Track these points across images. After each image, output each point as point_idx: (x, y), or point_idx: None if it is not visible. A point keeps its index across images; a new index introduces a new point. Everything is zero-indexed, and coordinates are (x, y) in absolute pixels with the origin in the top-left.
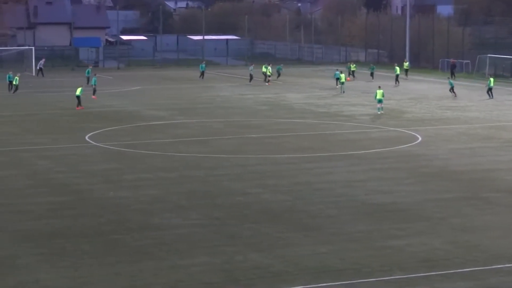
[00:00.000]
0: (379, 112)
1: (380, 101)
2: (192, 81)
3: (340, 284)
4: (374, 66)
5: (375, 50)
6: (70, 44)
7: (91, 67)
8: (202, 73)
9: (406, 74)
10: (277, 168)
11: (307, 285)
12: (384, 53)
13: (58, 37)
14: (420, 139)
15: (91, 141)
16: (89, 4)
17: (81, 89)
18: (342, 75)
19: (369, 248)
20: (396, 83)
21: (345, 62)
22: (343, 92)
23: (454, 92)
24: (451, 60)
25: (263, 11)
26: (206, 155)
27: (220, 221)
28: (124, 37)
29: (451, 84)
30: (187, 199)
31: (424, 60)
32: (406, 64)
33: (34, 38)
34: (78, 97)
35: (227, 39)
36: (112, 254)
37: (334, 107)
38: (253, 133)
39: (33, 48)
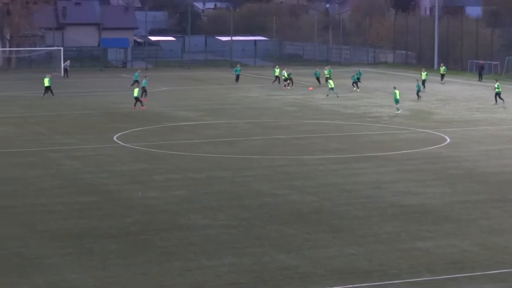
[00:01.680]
0: (397, 112)
1: (397, 101)
2: (220, 81)
3: (368, 285)
4: (360, 71)
5: (403, 52)
6: (99, 45)
7: (139, 71)
8: (238, 77)
9: (442, 79)
10: (305, 169)
11: (335, 286)
12: (412, 55)
13: (86, 37)
14: (448, 140)
15: (119, 142)
16: (117, 5)
17: (138, 90)
18: (331, 81)
19: (396, 250)
20: (422, 88)
21: (373, 63)
22: (337, 96)
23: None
24: (479, 61)
25: (291, 12)
26: (234, 156)
27: (247, 222)
28: (152, 38)
29: (418, 87)
30: (215, 200)
31: (453, 61)
32: (442, 68)
33: (62, 38)
34: (136, 98)
35: (255, 40)
36: (139, 254)
37: (362, 108)
38: (281, 134)
39: (61, 48)
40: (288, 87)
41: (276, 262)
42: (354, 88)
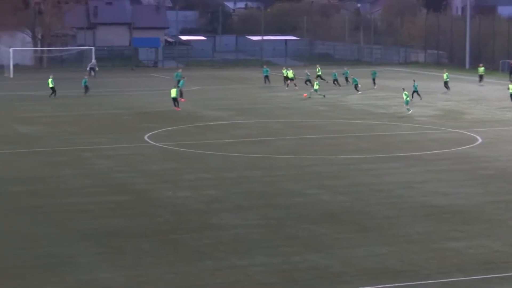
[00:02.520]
0: (409, 112)
1: (407, 102)
2: (251, 81)
3: (399, 285)
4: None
5: (435, 51)
6: (130, 44)
7: (180, 70)
8: (267, 77)
9: (481, 80)
10: (336, 169)
11: (366, 286)
12: (443, 54)
13: (117, 37)
14: (480, 140)
15: (150, 141)
16: (148, 4)
17: (176, 90)
18: (316, 82)
19: (428, 250)
20: (446, 89)
21: (404, 63)
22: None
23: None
24: (511, 61)
25: (322, 12)
26: (264, 156)
27: (278, 222)
28: (183, 38)
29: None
30: (245, 200)
31: (484, 61)
32: (481, 69)
33: (94, 38)
34: (174, 98)
35: (286, 40)
36: (170, 254)
37: (393, 108)
38: (312, 133)
39: (93, 48)
40: (290, 87)
41: (306, 262)
42: (375, 87)
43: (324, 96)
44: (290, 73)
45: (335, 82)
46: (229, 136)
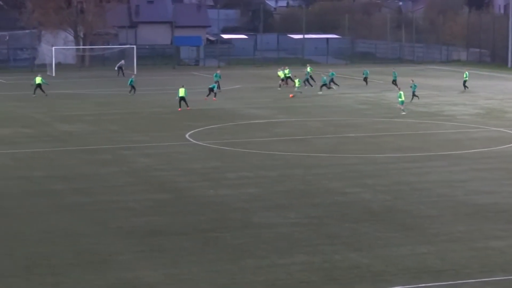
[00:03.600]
0: (404, 113)
1: (402, 102)
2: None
3: (440, 284)
4: (368, 71)
5: (477, 50)
6: (171, 43)
7: (219, 71)
8: (289, 78)
9: None
10: (377, 168)
11: (407, 285)
12: (486, 53)
13: (159, 36)
14: None
15: (191, 139)
16: (190, 3)
17: (185, 90)
18: (297, 80)
19: (470, 249)
20: (464, 89)
21: (446, 61)
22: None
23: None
24: None
25: (364, 10)
26: (305, 154)
27: (319, 220)
28: (225, 36)
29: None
30: (286, 198)
31: None
32: None
33: (135, 37)
34: (182, 98)
35: (327, 38)
36: (211, 252)
37: (435, 106)
38: (353, 132)
39: (134, 46)
40: (281, 87)
41: (347, 261)
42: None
43: (301, 92)
44: (285, 73)
45: (306, 82)
46: (270, 134)
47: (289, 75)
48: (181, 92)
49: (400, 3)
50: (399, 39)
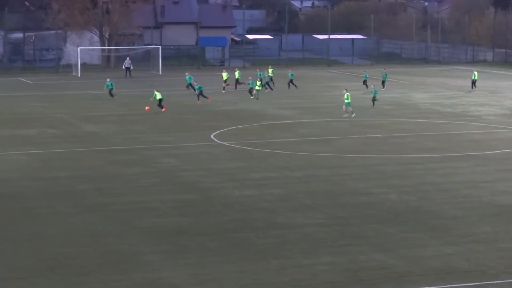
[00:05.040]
0: (346, 115)
1: (348, 104)
2: (317, 80)
3: (466, 285)
4: (386, 73)
5: (503, 50)
6: (196, 43)
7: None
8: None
9: None
10: (402, 168)
11: (432, 286)
12: None
13: (184, 36)
14: None
15: (216, 140)
16: (215, 3)
17: (254, 82)
18: (258, 82)
19: (496, 250)
20: (472, 88)
21: (472, 61)
22: (257, 98)
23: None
24: None
25: (389, 10)
26: (330, 155)
27: (344, 221)
28: (250, 36)
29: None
30: (311, 199)
31: None
32: None
33: (161, 37)
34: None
35: (352, 39)
36: (236, 252)
37: (460, 107)
38: (378, 132)
39: (159, 47)
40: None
41: (372, 261)
42: (383, 88)
43: (257, 98)
44: (233, 74)
45: (266, 86)
46: (295, 135)
47: (227, 78)
48: (158, 95)
49: (426, 3)
50: (424, 40)
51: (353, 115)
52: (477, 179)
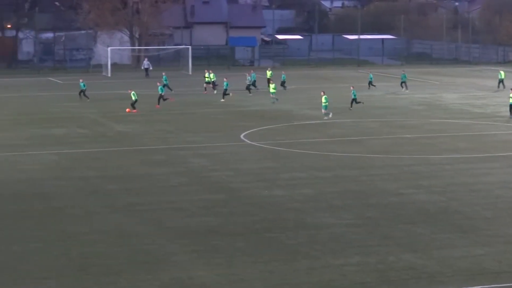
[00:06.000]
0: (325, 118)
1: (325, 107)
2: (347, 80)
3: (497, 286)
4: (405, 74)
5: None
6: (226, 44)
7: (284, 73)
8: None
9: None
10: (432, 169)
11: (462, 287)
12: None
13: (214, 36)
14: None
15: (246, 140)
16: (245, 3)
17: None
18: (272, 84)
19: None
20: (499, 87)
21: (503, 62)
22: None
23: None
24: None
25: (419, 10)
26: (360, 155)
27: (373, 221)
28: (280, 37)
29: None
30: (340, 199)
31: None
32: None
33: (190, 37)
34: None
35: (382, 39)
36: (265, 252)
37: (491, 107)
38: (408, 133)
39: (189, 47)
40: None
41: (402, 262)
42: (403, 89)
43: (277, 99)
44: (211, 76)
45: (250, 87)
46: (325, 135)
47: (210, 80)
48: (133, 96)
49: (456, 3)
50: (455, 40)
51: (330, 116)
52: (508, 180)
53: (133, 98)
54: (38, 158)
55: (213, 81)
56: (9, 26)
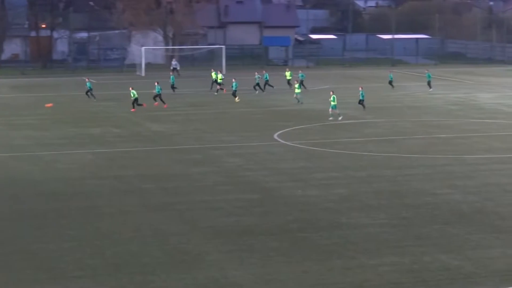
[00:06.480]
0: (330, 118)
1: (334, 107)
2: (381, 80)
3: None
4: (430, 74)
5: None
6: (260, 43)
7: (301, 72)
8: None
9: None
10: (467, 169)
11: None
12: None
13: (248, 36)
14: None
15: (279, 140)
16: (279, 3)
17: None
18: (296, 85)
19: None
20: None
21: None
22: (299, 102)
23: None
24: None
25: (454, 10)
26: (394, 155)
27: (408, 221)
28: (314, 36)
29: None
30: (375, 199)
31: None
32: None
33: (224, 37)
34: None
35: (417, 38)
36: (299, 252)
37: None
38: (443, 133)
39: (223, 47)
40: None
41: (437, 262)
42: (431, 89)
43: (299, 101)
44: (219, 77)
45: (256, 87)
46: (359, 135)
47: (220, 80)
48: (132, 94)
49: (491, 3)
50: (489, 39)
51: (339, 118)
52: None
53: (133, 96)
54: (75, 157)
55: (219, 82)
56: (44, 26)
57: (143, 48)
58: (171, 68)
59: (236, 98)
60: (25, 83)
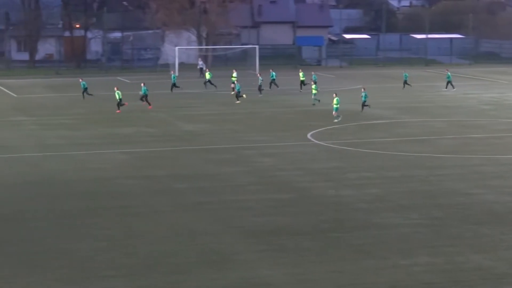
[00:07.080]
0: (335, 120)
1: (336, 109)
2: (415, 80)
3: None
4: (450, 74)
5: None
6: (293, 43)
7: (313, 73)
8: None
9: None
10: (501, 169)
11: None
12: None
13: (281, 36)
14: None
15: (313, 139)
16: (312, 3)
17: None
18: (314, 85)
19: None
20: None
21: None
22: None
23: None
24: None
25: (488, 9)
26: (428, 155)
27: (441, 221)
28: (347, 36)
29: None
30: (408, 199)
31: None
32: None
33: (258, 37)
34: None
35: (451, 38)
36: (332, 252)
37: None
38: (476, 133)
39: (256, 46)
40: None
41: (470, 263)
42: (445, 89)
43: (319, 100)
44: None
45: (272, 84)
46: (392, 134)
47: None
48: (117, 95)
49: None
50: None
51: (339, 119)
52: None
53: (117, 97)
54: (108, 156)
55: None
56: (78, 26)
57: (176, 48)
58: (198, 68)
59: (241, 97)
60: (59, 83)
